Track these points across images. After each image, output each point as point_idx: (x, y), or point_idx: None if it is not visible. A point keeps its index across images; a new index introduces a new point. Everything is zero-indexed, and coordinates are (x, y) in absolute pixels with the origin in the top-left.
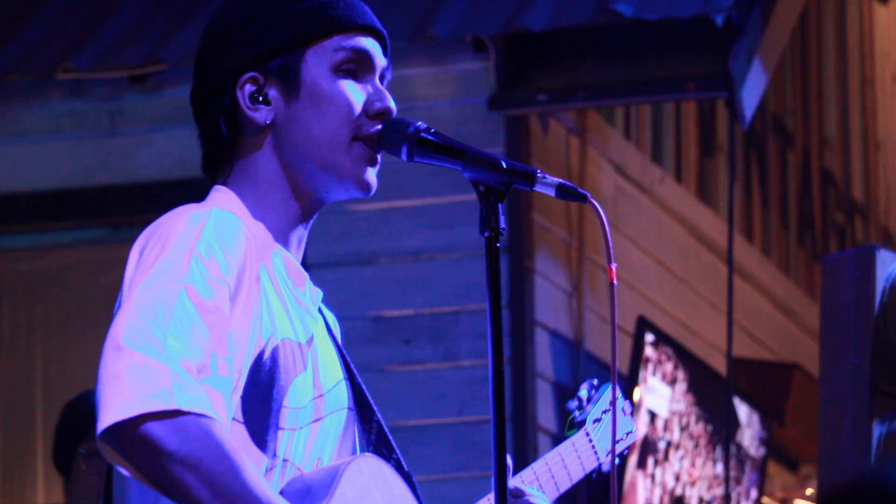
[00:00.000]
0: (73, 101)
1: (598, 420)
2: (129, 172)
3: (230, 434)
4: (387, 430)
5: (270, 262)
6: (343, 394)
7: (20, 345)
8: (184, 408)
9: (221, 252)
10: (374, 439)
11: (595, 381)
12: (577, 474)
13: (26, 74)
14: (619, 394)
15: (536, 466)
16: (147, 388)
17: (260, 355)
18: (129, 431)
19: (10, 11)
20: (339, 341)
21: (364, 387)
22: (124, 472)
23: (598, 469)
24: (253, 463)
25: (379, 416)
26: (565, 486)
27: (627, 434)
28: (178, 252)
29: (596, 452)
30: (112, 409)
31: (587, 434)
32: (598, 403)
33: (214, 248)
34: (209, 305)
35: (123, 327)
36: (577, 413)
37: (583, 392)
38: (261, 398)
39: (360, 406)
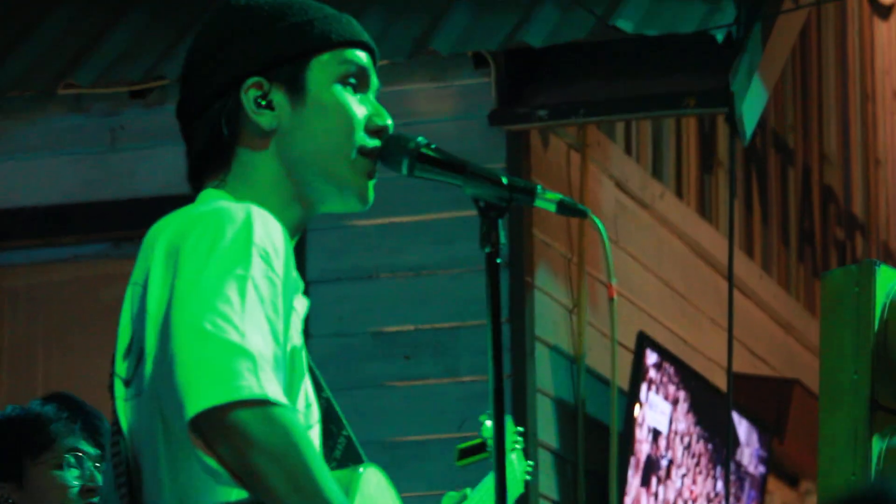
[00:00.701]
0: (74, 116)
1: (512, 450)
2: (130, 188)
3: None
4: (357, 445)
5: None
6: (316, 409)
7: (21, 359)
8: (271, 397)
9: (272, 247)
10: (340, 455)
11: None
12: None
13: (27, 90)
14: (517, 429)
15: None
16: (238, 374)
17: (286, 355)
18: (221, 417)
19: (12, 27)
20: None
21: (333, 401)
22: (207, 459)
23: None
24: None
25: (349, 430)
26: None
27: (524, 474)
28: (238, 242)
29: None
30: (203, 394)
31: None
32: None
33: (266, 243)
34: (269, 300)
35: (202, 311)
36: (479, 441)
37: (488, 422)
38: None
39: (326, 421)
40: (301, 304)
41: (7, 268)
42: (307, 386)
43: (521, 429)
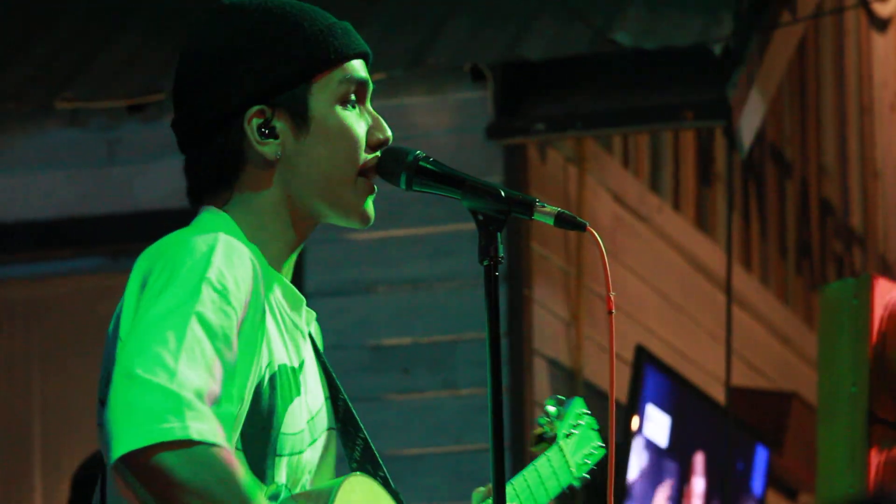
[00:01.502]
0: (71, 130)
1: (569, 435)
2: (128, 201)
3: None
4: (373, 446)
5: (269, 288)
6: (326, 414)
7: (18, 372)
8: (195, 437)
9: (231, 279)
10: (359, 456)
11: (560, 397)
12: (554, 489)
13: (25, 104)
14: (585, 409)
15: (516, 483)
16: (160, 418)
17: (260, 383)
18: (142, 460)
19: (9, 41)
20: (322, 353)
21: (349, 403)
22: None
23: (572, 484)
24: None
25: (365, 432)
26: (543, 501)
27: (596, 448)
28: (189, 278)
29: (570, 467)
30: (125, 438)
31: (560, 449)
32: (566, 419)
33: (225, 276)
34: (219, 334)
35: (135, 355)
36: (547, 429)
37: (550, 408)
38: (261, 426)
39: (345, 423)
40: (303, 317)
41: (4, 281)
42: (305, 403)
43: (587, 410)
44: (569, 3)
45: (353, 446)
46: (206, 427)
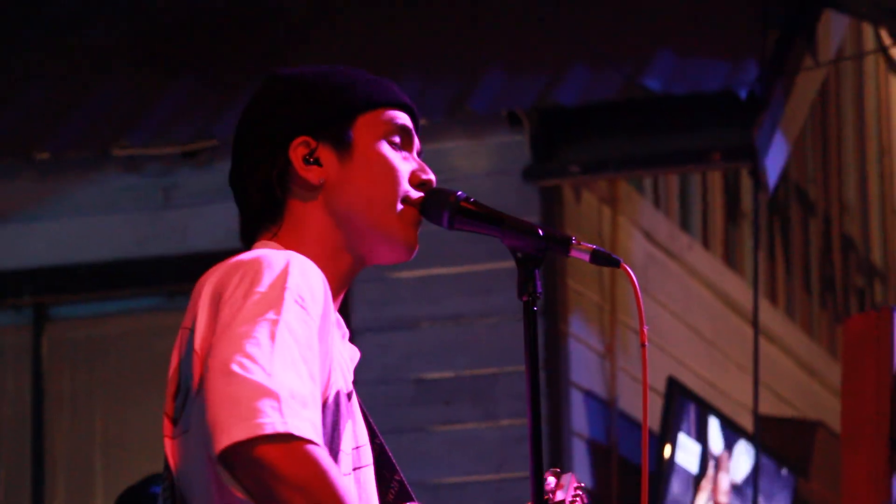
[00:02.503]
0: (128, 176)
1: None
2: (182, 244)
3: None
4: (409, 489)
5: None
6: (368, 451)
7: (80, 410)
8: (296, 433)
9: (308, 291)
10: (394, 499)
11: (557, 470)
12: None
13: (83, 151)
14: (576, 483)
15: None
16: (262, 412)
17: (328, 397)
18: (245, 452)
19: (68, 90)
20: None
21: (386, 446)
22: (236, 492)
23: None
24: None
25: (401, 474)
26: None
27: None
28: (272, 288)
29: None
30: (229, 430)
31: None
32: (566, 490)
33: (303, 288)
34: (304, 341)
35: (231, 354)
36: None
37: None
38: (327, 439)
39: (380, 465)
40: (349, 351)
41: (67, 321)
42: (357, 428)
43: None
44: (600, 50)
45: (387, 489)
46: (304, 425)
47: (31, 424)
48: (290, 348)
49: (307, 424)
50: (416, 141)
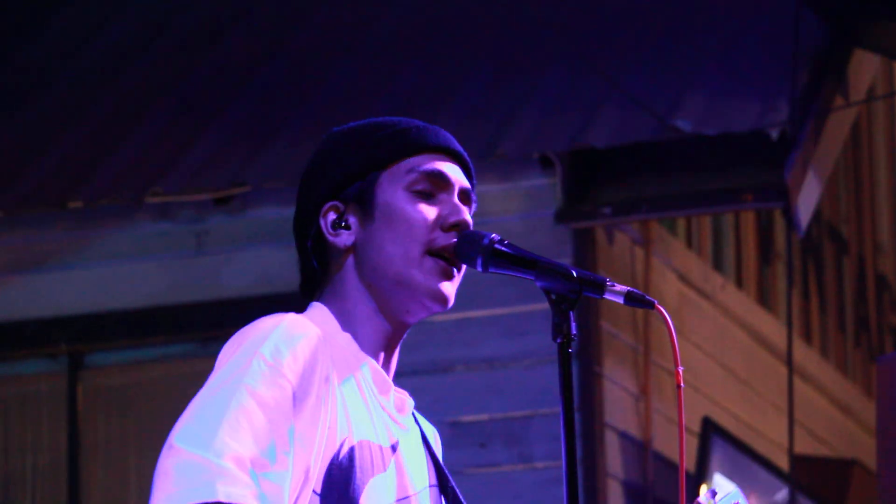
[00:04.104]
0: (161, 222)
1: None
2: (215, 289)
3: None
4: None
5: (357, 370)
6: (427, 500)
7: (114, 456)
8: (223, 500)
9: (287, 354)
10: None
11: (714, 489)
12: None
13: (117, 199)
14: (742, 499)
15: None
16: (190, 483)
17: (336, 455)
18: None
19: (101, 139)
20: (435, 450)
21: (459, 493)
22: None
23: None
24: None
25: None
26: None
27: None
28: (244, 355)
29: None
30: (159, 502)
31: None
32: None
33: (280, 350)
34: (269, 402)
35: (179, 428)
36: None
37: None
38: (337, 497)
39: None
40: (395, 402)
41: (100, 368)
42: (395, 482)
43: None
44: (632, 92)
45: None
46: (237, 491)
47: (67, 472)
48: (249, 414)
49: (243, 491)
50: (458, 182)
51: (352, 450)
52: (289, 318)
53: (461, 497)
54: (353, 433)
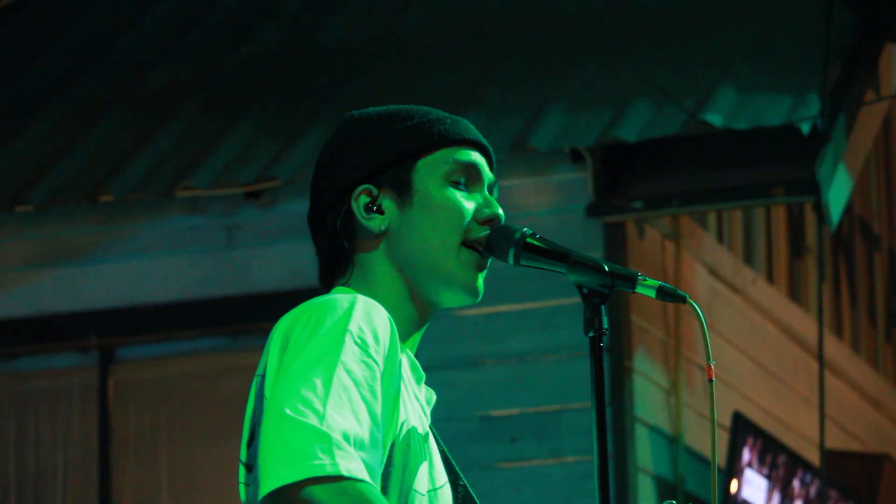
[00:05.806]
0: (192, 217)
1: None
2: (246, 284)
3: None
4: None
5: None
6: (448, 495)
7: (146, 450)
8: (345, 474)
9: (370, 334)
10: None
11: (673, 502)
12: None
13: (148, 193)
14: None
15: None
16: (311, 455)
17: (397, 437)
18: (294, 494)
19: (131, 134)
20: (440, 440)
21: (470, 489)
22: None
23: None
24: None
25: None
26: None
27: None
28: (333, 330)
29: None
30: (278, 473)
31: None
32: None
33: (364, 330)
34: (363, 383)
35: (286, 398)
36: None
37: None
38: (397, 478)
39: None
40: (425, 394)
41: (132, 362)
42: (431, 471)
43: None
44: (662, 86)
45: None
46: (355, 465)
47: (98, 466)
48: (346, 390)
49: (358, 465)
50: (487, 175)
51: (408, 433)
52: (361, 298)
53: (473, 495)
54: (408, 418)
